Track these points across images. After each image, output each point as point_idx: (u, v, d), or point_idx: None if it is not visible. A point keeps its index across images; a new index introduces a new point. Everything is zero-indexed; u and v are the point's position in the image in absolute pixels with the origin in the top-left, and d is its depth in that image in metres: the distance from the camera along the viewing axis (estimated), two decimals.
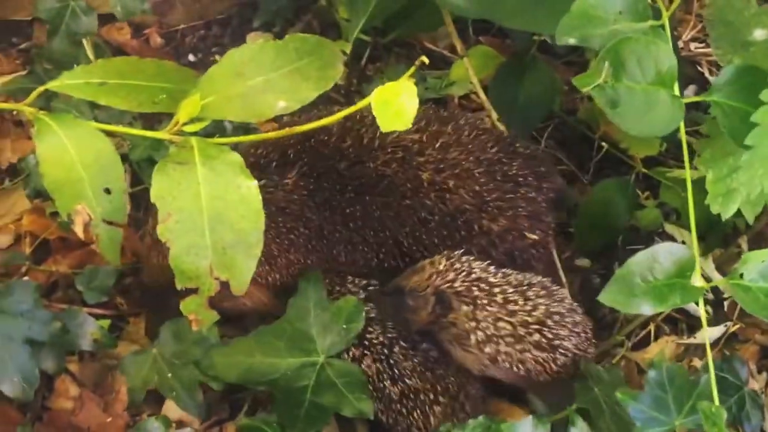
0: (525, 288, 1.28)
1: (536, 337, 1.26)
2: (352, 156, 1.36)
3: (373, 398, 1.31)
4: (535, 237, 1.40)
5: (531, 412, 1.36)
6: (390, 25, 1.88)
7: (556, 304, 1.30)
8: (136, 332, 1.49)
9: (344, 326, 1.30)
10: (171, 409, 1.38)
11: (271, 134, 1.10)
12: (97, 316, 1.42)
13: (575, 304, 1.35)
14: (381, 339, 1.33)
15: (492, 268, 1.30)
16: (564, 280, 1.44)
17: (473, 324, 1.25)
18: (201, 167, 1.03)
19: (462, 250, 1.30)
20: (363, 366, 1.31)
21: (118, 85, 1.13)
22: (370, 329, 1.33)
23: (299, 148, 1.36)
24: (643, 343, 1.54)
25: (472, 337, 1.26)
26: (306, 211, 1.34)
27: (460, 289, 1.26)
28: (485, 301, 1.26)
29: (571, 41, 1.06)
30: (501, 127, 1.54)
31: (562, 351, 1.29)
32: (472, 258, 1.30)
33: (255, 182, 1.03)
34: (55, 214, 1.56)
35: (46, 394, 1.41)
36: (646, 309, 1.07)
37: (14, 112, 1.81)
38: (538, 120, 1.75)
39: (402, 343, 1.32)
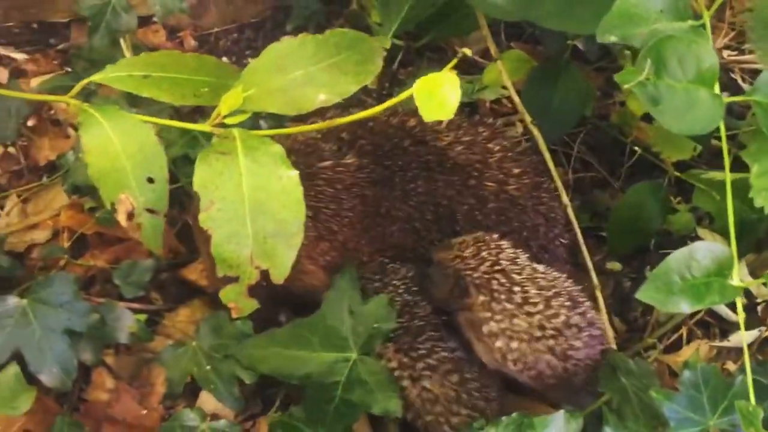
0: (549, 294, 1.27)
1: (550, 342, 1.25)
2: (417, 134, 1.39)
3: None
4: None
5: (551, 408, 1.35)
6: (422, 30, 1.89)
7: (577, 316, 1.28)
8: (172, 327, 1.51)
9: (375, 325, 1.30)
10: (206, 402, 1.39)
11: (315, 126, 1.12)
12: (134, 311, 1.44)
13: (598, 318, 1.35)
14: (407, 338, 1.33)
15: (523, 262, 1.29)
16: (596, 282, 1.43)
17: (488, 314, 1.25)
18: (243, 157, 1.04)
19: (497, 235, 1.31)
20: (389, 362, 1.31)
21: (161, 78, 1.14)
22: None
23: (356, 130, 1.38)
24: (675, 346, 1.54)
25: (485, 327, 1.26)
26: (365, 189, 1.35)
27: (478, 280, 1.26)
28: (503, 297, 1.25)
29: (612, 39, 1.07)
30: (534, 130, 1.55)
31: (574, 362, 1.28)
32: (507, 246, 1.30)
33: (296, 172, 1.04)
34: (93, 209, 1.58)
35: (82, 386, 1.42)
36: (684, 307, 1.06)
37: (52, 111, 1.85)
38: (571, 124, 1.75)
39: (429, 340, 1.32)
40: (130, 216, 1.08)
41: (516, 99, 1.56)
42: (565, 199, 1.47)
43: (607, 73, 1.98)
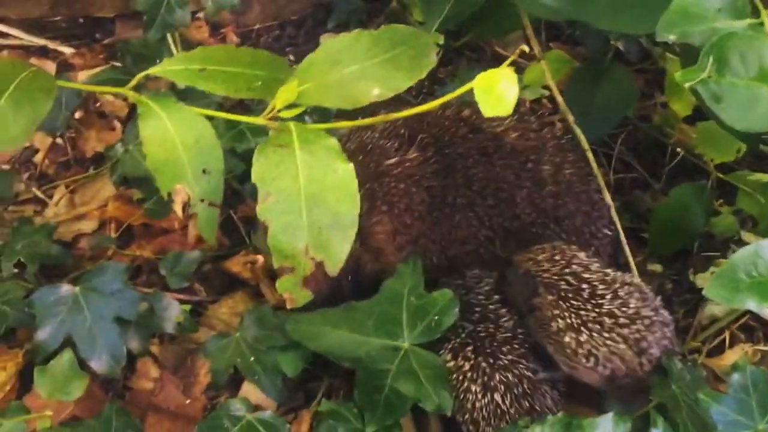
0: (617, 287, 1.27)
1: (625, 331, 1.24)
2: (473, 123, 1.42)
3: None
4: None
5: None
6: (463, 29, 1.90)
7: (648, 310, 1.27)
8: (215, 318, 1.52)
9: (435, 318, 1.30)
10: (248, 393, 1.40)
11: (376, 119, 1.13)
12: (179, 302, 1.44)
13: (670, 318, 1.32)
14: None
15: (596, 269, 1.29)
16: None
17: (556, 311, 1.26)
18: (299, 151, 1.05)
19: (574, 247, 1.33)
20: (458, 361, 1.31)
21: (216, 72, 1.16)
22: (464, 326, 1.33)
23: (413, 125, 1.40)
24: (718, 350, 1.53)
25: (553, 324, 1.26)
26: (431, 180, 1.37)
27: (548, 281, 1.27)
28: (570, 295, 1.25)
29: (671, 38, 1.07)
30: (577, 130, 1.55)
31: (648, 357, 1.26)
32: (582, 254, 1.31)
33: (351, 166, 1.05)
34: (141, 201, 1.60)
35: (128, 374, 1.44)
36: (751, 304, 1.05)
37: (98, 105, 1.88)
38: (613, 125, 1.76)
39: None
40: (186, 207, 1.10)
41: (559, 99, 1.56)
42: (609, 199, 1.47)
43: (648, 75, 1.99)
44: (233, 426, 1.23)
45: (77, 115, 1.81)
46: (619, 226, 1.46)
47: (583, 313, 1.25)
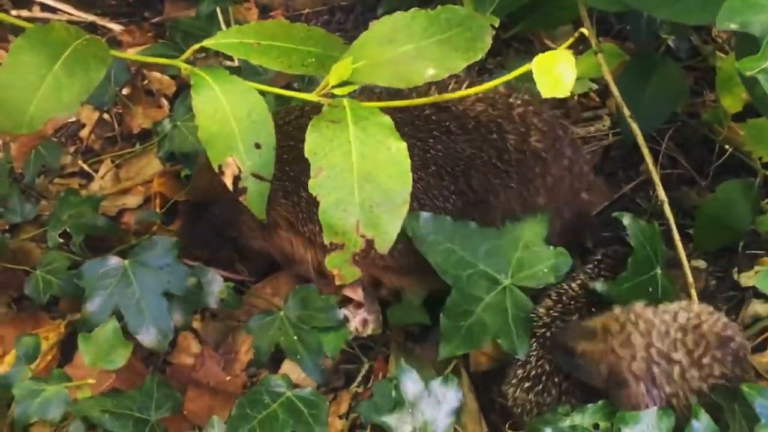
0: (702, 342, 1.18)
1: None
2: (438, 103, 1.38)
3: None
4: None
5: None
6: (513, 21, 1.89)
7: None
8: (256, 298, 1.53)
9: (544, 269, 1.30)
10: (288, 371, 1.40)
11: (418, 101, 1.12)
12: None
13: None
14: None
15: (679, 321, 1.20)
16: (691, 280, 1.41)
17: (650, 402, 1.18)
18: (353, 127, 1.05)
19: (643, 305, 1.23)
20: None
21: (271, 47, 1.16)
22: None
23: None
24: (761, 347, 1.51)
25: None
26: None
27: (637, 370, 1.18)
28: (664, 379, 1.18)
29: (732, 27, 1.05)
30: (632, 124, 1.53)
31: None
32: (653, 315, 1.20)
33: (404, 144, 1.05)
34: (188, 177, 1.61)
35: (168, 349, 1.45)
36: None
37: (145, 82, 1.89)
38: (662, 119, 1.73)
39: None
40: (236, 180, 1.10)
41: (615, 91, 1.54)
42: (662, 194, 1.45)
43: (697, 73, 1.96)
44: (273, 401, 1.23)
45: (125, 91, 1.82)
46: (672, 222, 1.43)
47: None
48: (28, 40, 1.07)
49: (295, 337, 1.35)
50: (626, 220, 1.33)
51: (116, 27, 2.01)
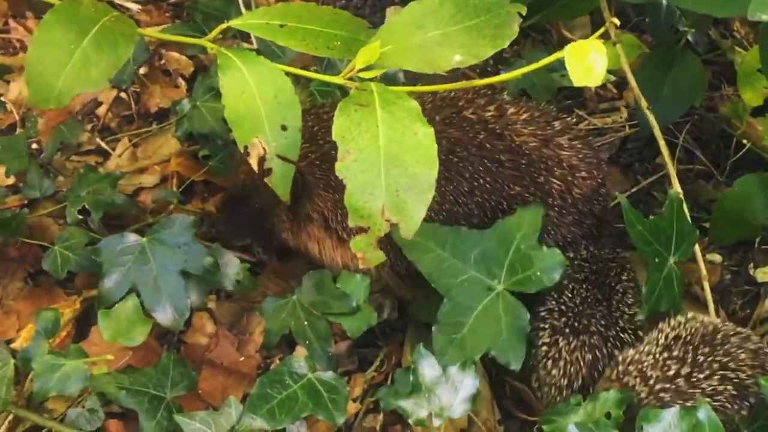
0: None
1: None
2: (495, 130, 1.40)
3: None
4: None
5: None
6: (531, 10, 1.87)
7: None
8: (269, 281, 1.53)
9: (537, 273, 1.28)
10: (302, 355, 1.40)
11: (447, 86, 1.12)
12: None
13: None
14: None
15: (656, 352, 1.24)
16: (704, 273, 1.41)
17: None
18: (380, 110, 1.04)
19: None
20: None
21: (296, 29, 1.15)
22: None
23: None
24: None
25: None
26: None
27: (646, 398, 1.21)
28: (677, 396, 1.21)
29: (764, 18, 1.05)
30: (650, 116, 1.53)
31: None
32: (632, 355, 1.25)
33: (431, 129, 1.04)
34: (206, 157, 1.61)
35: (183, 329, 1.45)
36: None
37: (162, 62, 1.88)
38: (680, 112, 1.73)
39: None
40: (261, 161, 1.10)
41: (633, 83, 1.54)
42: (677, 187, 1.45)
43: (715, 67, 1.96)
44: (294, 383, 1.22)
45: (142, 70, 1.82)
46: (687, 216, 1.43)
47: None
48: (57, 16, 1.07)
49: (306, 323, 1.35)
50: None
51: (134, 6, 2.00)
